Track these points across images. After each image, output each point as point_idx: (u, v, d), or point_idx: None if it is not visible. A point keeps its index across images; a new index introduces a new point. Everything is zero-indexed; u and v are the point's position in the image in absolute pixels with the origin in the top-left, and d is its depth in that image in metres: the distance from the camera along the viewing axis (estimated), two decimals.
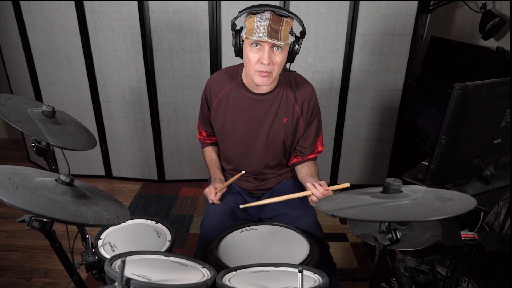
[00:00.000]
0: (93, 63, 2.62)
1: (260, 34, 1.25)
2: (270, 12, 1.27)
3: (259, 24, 1.26)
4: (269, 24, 1.26)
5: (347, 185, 1.31)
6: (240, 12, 1.32)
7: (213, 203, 1.54)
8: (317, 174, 1.57)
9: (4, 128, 3.68)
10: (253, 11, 1.28)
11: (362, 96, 2.68)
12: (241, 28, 1.35)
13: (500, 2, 2.71)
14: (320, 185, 1.34)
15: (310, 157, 1.60)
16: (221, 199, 1.54)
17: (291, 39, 1.33)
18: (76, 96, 2.74)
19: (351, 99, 2.69)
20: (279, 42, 1.26)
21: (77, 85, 2.70)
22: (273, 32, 1.26)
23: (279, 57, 1.33)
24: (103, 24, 2.50)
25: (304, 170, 1.58)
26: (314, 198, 1.34)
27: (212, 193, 1.50)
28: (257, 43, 1.30)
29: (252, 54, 1.32)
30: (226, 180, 1.60)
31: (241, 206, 1.43)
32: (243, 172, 1.51)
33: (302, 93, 1.50)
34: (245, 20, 1.32)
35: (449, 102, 1.31)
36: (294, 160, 1.62)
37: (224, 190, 1.51)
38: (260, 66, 1.33)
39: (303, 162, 1.60)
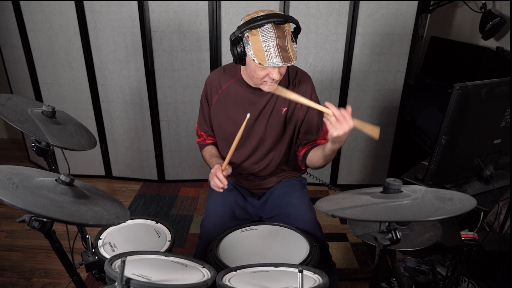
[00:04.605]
0: (93, 63, 2.62)
1: (274, 60, 1.25)
2: (271, 24, 1.25)
3: (268, 46, 1.24)
4: (276, 43, 1.24)
5: (375, 132, 1.17)
6: (239, 28, 1.27)
7: (214, 198, 1.51)
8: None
9: (4, 128, 3.68)
10: (253, 26, 1.25)
11: (362, 96, 2.68)
12: (240, 38, 1.30)
13: (500, 2, 2.71)
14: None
15: (319, 142, 1.52)
16: (220, 198, 1.53)
17: (295, 47, 1.33)
18: (76, 96, 2.74)
19: (351, 99, 2.69)
20: (292, 63, 1.28)
21: (77, 85, 2.70)
22: (284, 53, 1.25)
23: (285, 67, 1.35)
24: (103, 24, 2.50)
25: (318, 151, 1.46)
26: (332, 119, 1.20)
27: (219, 170, 1.38)
28: None
29: (259, 70, 1.32)
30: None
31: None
32: (248, 115, 1.34)
33: (298, 80, 1.51)
34: (247, 35, 1.28)
35: (449, 102, 1.31)
36: (304, 149, 1.54)
37: (230, 170, 1.42)
38: (268, 79, 1.34)
39: (314, 147, 1.51)
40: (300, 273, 0.93)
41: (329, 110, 1.21)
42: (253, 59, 1.28)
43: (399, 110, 2.72)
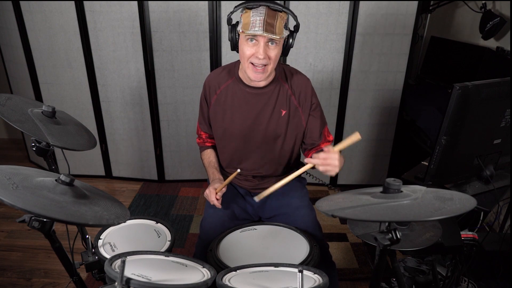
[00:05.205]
0: (93, 63, 2.62)
1: (256, 28, 1.28)
2: (265, 7, 1.29)
3: (255, 19, 1.29)
4: (264, 18, 1.28)
5: (356, 137, 1.21)
6: (236, 7, 1.34)
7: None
8: None
9: (4, 128, 3.68)
10: (248, 6, 1.30)
11: (362, 96, 2.68)
12: (237, 22, 1.37)
13: (500, 2, 2.71)
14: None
15: (323, 145, 1.54)
16: (220, 198, 1.53)
17: (286, 33, 1.35)
18: (76, 96, 2.74)
19: (351, 99, 2.69)
20: (274, 36, 1.29)
21: (77, 85, 2.70)
22: (268, 26, 1.28)
23: (274, 51, 1.35)
24: (103, 24, 2.50)
25: None
26: (321, 168, 1.27)
27: (213, 194, 1.45)
28: (252, 37, 1.32)
29: (247, 48, 1.34)
30: (225, 180, 1.58)
31: (257, 199, 1.36)
32: (238, 170, 1.45)
33: (297, 84, 1.51)
34: (241, 15, 1.34)
35: (449, 102, 1.31)
36: (310, 155, 1.55)
37: (224, 190, 1.49)
38: (255, 60, 1.35)
39: (319, 152, 1.52)
40: (300, 273, 0.93)
41: (310, 165, 1.27)
42: (238, 29, 1.34)
43: (399, 110, 2.72)
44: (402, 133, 2.82)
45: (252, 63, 1.36)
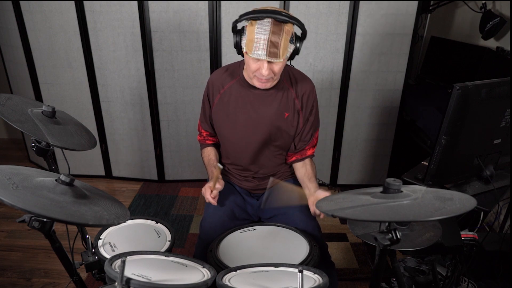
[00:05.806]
0: (93, 63, 2.62)
1: (260, 52, 1.27)
2: (270, 20, 1.27)
3: (259, 38, 1.26)
4: (268, 38, 1.26)
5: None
6: (241, 16, 1.31)
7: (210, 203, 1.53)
8: (315, 175, 1.57)
9: (4, 128, 3.68)
10: (254, 17, 1.28)
11: (362, 96, 2.68)
12: (243, 28, 1.34)
13: (500, 2, 2.71)
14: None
15: (309, 153, 1.59)
16: (220, 199, 1.53)
17: (291, 48, 1.34)
18: (76, 96, 2.74)
19: (351, 99, 2.69)
20: (277, 60, 1.29)
21: (77, 85, 2.70)
22: (272, 48, 1.26)
23: (278, 66, 1.35)
24: (103, 24, 2.50)
25: (302, 171, 1.57)
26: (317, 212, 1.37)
27: (208, 192, 1.45)
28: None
29: (251, 63, 1.34)
30: (223, 179, 1.55)
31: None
32: (221, 166, 1.45)
33: (302, 88, 1.51)
34: (246, 25, 1.32)
35: (449, 102, 1.31)
36: (294, 158, 1.61)
37: (219, 187, 1.47)
38: (259, 74, 1.35)
39: (303, 160, 1.59)
40: (300, 273, 0.93)
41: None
42: (243, 47, 1.32)
43: (399, 110, 2.72)
44: (402, 133, 2.82)
45: (256, 76, 1.37)
